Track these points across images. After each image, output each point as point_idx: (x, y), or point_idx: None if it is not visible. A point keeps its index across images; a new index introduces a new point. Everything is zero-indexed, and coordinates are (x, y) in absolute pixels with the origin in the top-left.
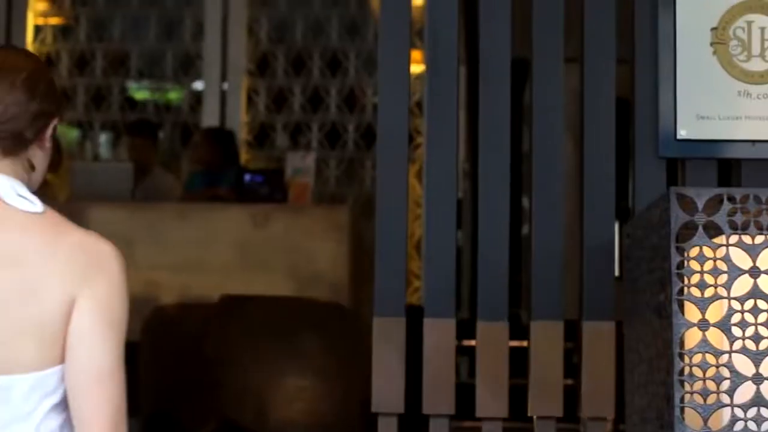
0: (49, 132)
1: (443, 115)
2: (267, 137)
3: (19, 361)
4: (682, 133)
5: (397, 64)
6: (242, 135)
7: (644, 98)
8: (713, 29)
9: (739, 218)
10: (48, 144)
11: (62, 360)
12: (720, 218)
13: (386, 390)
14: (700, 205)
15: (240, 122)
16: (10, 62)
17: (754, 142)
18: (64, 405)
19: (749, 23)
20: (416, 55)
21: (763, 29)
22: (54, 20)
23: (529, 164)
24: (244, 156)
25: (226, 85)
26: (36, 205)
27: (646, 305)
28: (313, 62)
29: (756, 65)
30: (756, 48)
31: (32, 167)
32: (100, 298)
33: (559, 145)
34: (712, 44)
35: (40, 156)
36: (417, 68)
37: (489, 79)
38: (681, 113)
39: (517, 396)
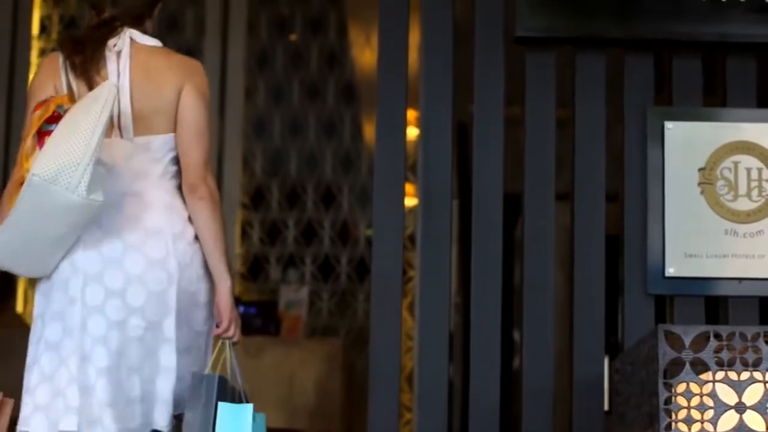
0: (155, 11)
1: (436, 249)
2: (261, 269)
3: (153, 128)
4: (671, 271)
5: (390, 197)
6: (236, 267)
7: (633, 235)
8: (701, 169)
9: (725, 355)
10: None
11: (174, 129)
12: (707, 355)
13: None
14: (687, 342)
15: (234, 254)
16: None
17: (740, 279)
18: (175, 160)
19: (736, 164)
20: (410, 188)
21: (749, 170)
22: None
23: (521, 298)
24: (237, 288)
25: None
26: (157, 42)
27: None
28: (307, 195)
29: (743, 205)
30: (743, 188)
31: (146, 31)
32: (196, 84)
33: (550, 280)
34: (699, 184)
35: (149, 25)
36: (410, 202)
37: (481, 213)
38: (669, 251)
39: None
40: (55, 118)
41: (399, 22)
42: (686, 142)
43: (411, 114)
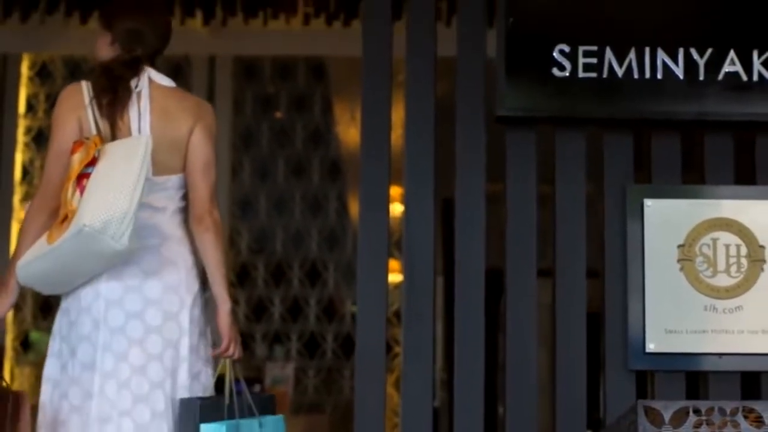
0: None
1: (420, 325)
2: (247, 346)
3: (171, 168)
4: (651, 347)
5: (374, 274)
6: None
7: (614, 311)
8: (680, 246)
9: (705, 430)
10: None
11: (184, 168)
12: (686, 430)
13: None
14: (667, 418)
15: None
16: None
17: (720, 355)
18: (186, 195)
19: (714, 240)
20: (394, 264)
21: (728, 246)
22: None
23: (504, 374)
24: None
25: (207, 295)
26: (171, 81)
27: None
28: (293, 272)
29: (722, 281)
30: (721, 264)
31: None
32: (206, 124)
33: (533, 356)
34: (679, 260)
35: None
36: (395, 278)
37: (464, 289)
38: (650, 327)
39: None
40: (92, 162)
41: (382, 100)
42: (665, 219)
43: (395, 191)
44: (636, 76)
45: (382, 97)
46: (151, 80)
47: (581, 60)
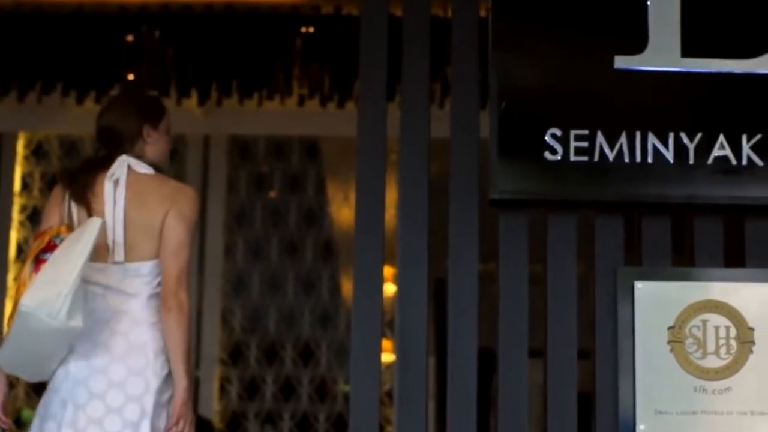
0: (147, 134)
1: (412, 405)
2: (239, 426)
3: (144, 254)
4: (642, 428)
5: (367, 354)
6: (215, 423)
7: (605, 392)
8: (670, 328)
9: None
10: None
11: (158, 254)
12: None
13: None
14: None
15: (213, 410)
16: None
17: None
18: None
19: (704, 322)
20: (387, 344)
21: (717, 328)
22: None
23: None
24: None
25: (199, 374)
26: (150, 169)
27: None
28: (286, 352)
29: (712, 362)
30: (711, 346)
31: (142, 154)
32: (180, 208)
33: None
34: (669, 342)
35: (144, 147)
36: (387, 358)
37: (456, 370)
38: (640, 408)
39: None
40: (50, 248)
41: (376, 181)
42: (656, 301)
43: (388, 271)
44: (627, 159)
45: (376, 177)
46: (129, 168)
47: (573, 144)
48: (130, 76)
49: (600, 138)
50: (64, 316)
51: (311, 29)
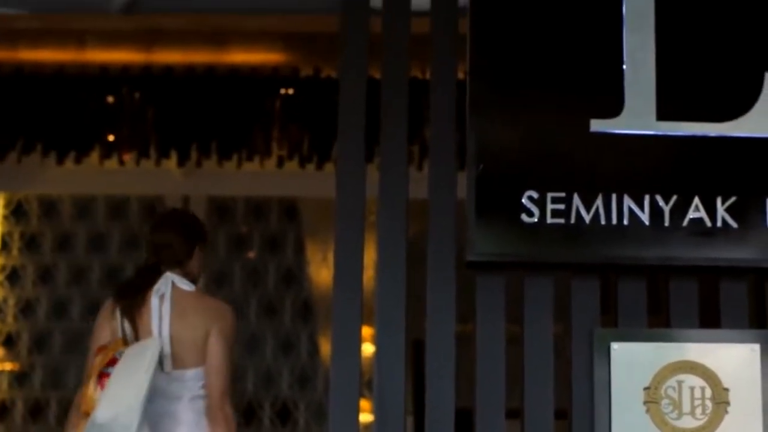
0: (194, 254)
1: None
2: None
3: (186, 363)
4: None
5: (346, 414)
6: None
7: None
8: (646, 388)
9: None
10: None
11: (203, 362)
12: None
13: None
14: None
15: None
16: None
17: None
18: (204, 386)
19: (680, 383)
20: (365, 404)
21: (693, 388)
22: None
23: None
24: None
25: None
26: (192, 286)
27: None
28: (264, 412)
29: (687, 423)
30: (687, 406)
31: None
32: (220, 328)
33: None
34: (645, 402)
35: (191, 265)
36: (366, 418)
37: (435, 429)
38: None
39: None
40: (112, 362)
41: (354, 242)
42: (631, 362)
43: (366, 331)
44: (603, 221)
45: (355, 238)
46: (173, 284)
47: (549, 206)
48: (110, 137)
49: (576, 200)
50: (135, 428)
51: (290, 91)
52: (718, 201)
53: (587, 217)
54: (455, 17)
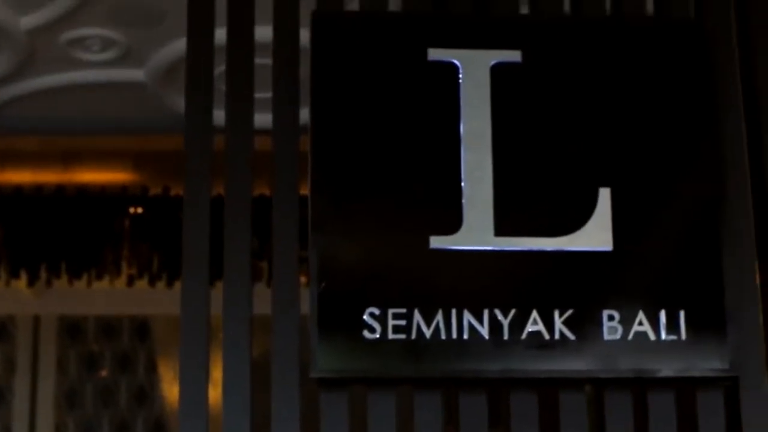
0: None
1: None
2: None
3: None
4: None
5: None
6: None
7: None
8: None
9: None
10: None
11: None
12: None
13: None
14: None
15: None
16: None
17: None
18: None
19: None
20: None
21: None
22: None
23: None
24: None
25: None
26: None
27: None
28: None
29: None
30: None
31: None
32: None
33: None
34: None
35: None
36: None
37: None
38: None
39: None
40: None
41: (200, 360)
42: None
43: None
44: (443, 336)
45: (200, 356)
46: None
47: (391, 322)
48: None
49: (417, 316)
50: None
51: (139, 209)
52: (556, 314)
53: (428, 333)
54: (297, 135)
